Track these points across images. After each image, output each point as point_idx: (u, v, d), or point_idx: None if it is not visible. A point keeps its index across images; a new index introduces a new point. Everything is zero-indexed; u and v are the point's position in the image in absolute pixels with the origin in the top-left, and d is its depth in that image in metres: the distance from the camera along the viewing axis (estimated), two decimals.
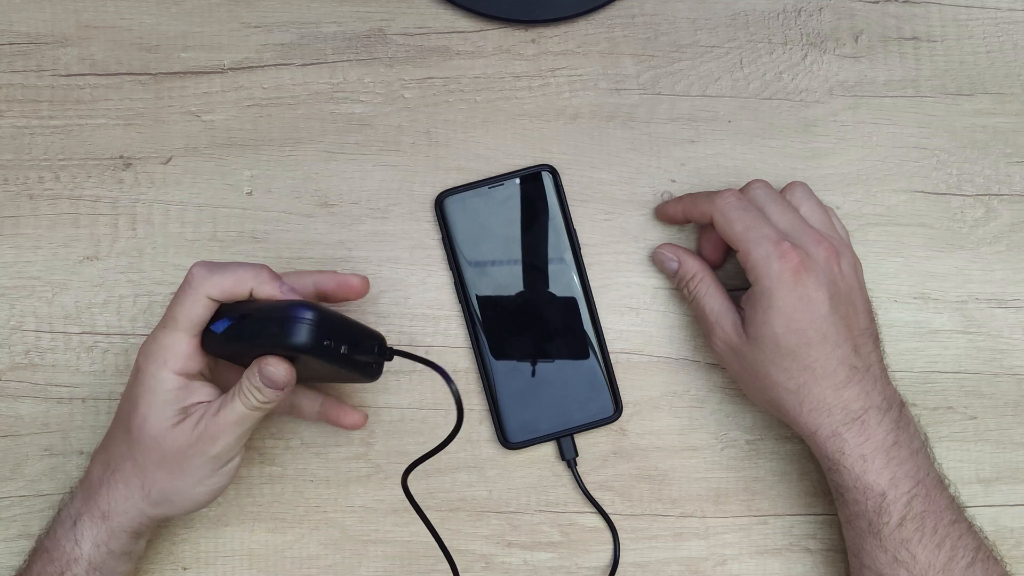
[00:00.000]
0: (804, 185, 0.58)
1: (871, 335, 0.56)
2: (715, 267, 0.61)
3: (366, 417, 0.59)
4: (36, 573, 0.54)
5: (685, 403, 0.62)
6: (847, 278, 0.55)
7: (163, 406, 0.52)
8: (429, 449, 0.54)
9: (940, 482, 0.55)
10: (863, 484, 0.53)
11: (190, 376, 0.53)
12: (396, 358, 0.53)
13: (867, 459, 0.53)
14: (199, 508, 0.55)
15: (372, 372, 0.53)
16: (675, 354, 0.63)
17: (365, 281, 0.56)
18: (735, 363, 0.57)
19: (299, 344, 0.50)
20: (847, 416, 0.53)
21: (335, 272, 0.56)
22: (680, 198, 0.61)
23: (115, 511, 0.53)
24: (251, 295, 0.52)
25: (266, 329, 0.51)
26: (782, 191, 0.58)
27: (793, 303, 0.53)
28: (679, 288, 0.61)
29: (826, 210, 0.58)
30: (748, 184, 0.58)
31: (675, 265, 0.60)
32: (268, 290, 0.52)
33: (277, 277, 0.52)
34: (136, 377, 0.53)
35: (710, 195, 0.58)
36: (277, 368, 0.51)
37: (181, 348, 0.52)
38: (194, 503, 0.54)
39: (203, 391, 0.54)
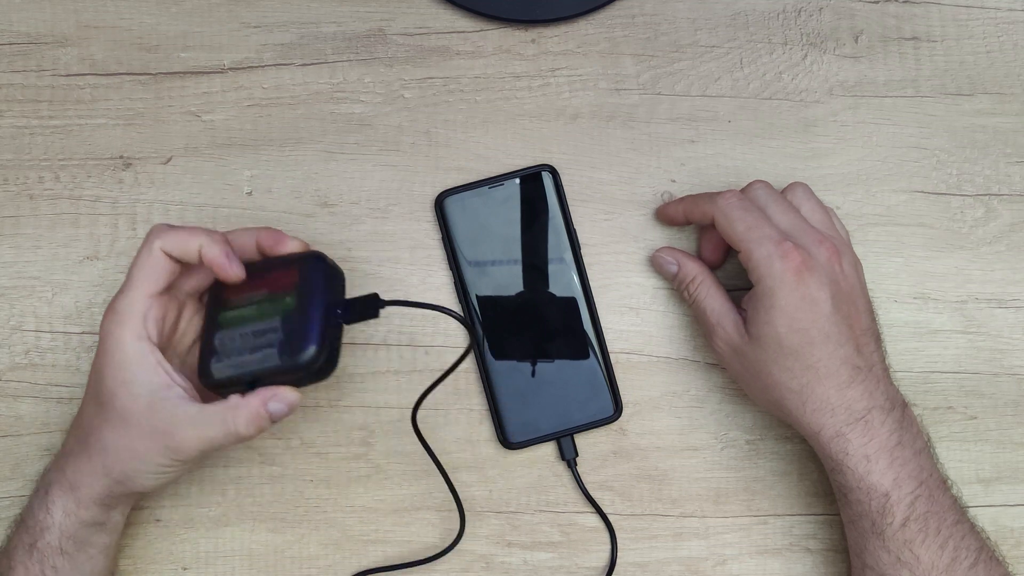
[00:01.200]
0: (805, 186, 0.58)
1: (873, 335, 0.56)
2: (715, 268, 0.61)
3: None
4: (13, 545, 0.54)
5: (685, 403, 0.62)
6: (849, 278, 0.55)
7: (129, 379, 0.52)
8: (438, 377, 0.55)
9: (943, 482, 0.55)
10: (867, 485, 0.53)
11: (152, 341, 0.52)
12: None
13: (871, 459, 0.53)
14: (152, 491, 0.56)
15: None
16: (675, 354, 0.63)
17: (302, 244, 0.55)
18: (737, 364, 0.57)
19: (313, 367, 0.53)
20: (851, 416, 0.53)
21: (272, 230, 0.55)
22: (681, 199, 0.61)
23: (82, 483, 0.53)
24: (199, 254, 0.52)
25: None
26: (783, 191, 0.58)
27: (796, 302, 0.53)
28: (679, 291, 0.60)
29: (827, 210, 0.58)
30: (749, 185, 0.58)
31: (674, 268, 0.60)
32: (213, 252, 0.52)
33: (226, 243, 0.53)
34: (100, 346, 0.53)
35: (711, 196, 0.58)
36: (290, 399, 0.52)
37: (137, 308, 0.52)
38: (147, 488, 0.54)
39: (169, 372, 0.53)
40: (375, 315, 0.54)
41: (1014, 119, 0.64)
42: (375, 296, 0.54)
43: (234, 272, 0.53)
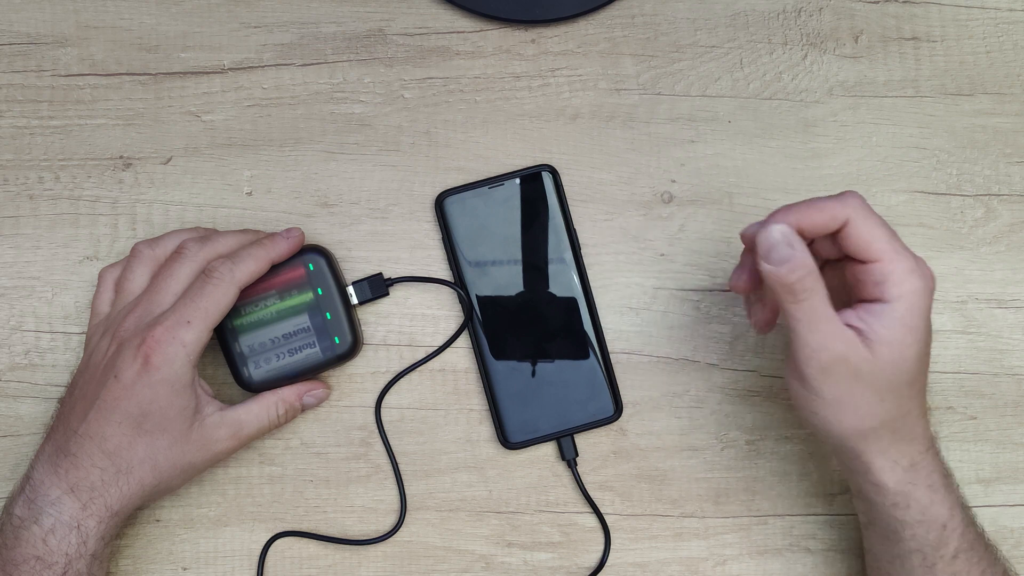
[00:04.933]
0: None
1: None
2: (747, 292, 0.54)
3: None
4: None
5: (685, 403, 0.62)
6: None
7: (186, 404, 0.55)
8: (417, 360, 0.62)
9: (969, 508, 0.54)
10: (930, 516, 0.51)
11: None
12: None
13: (935, 489, 0.51)
14: None
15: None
16: (675, 354, 0.63)
17: (290, 244, 0.58)
18: (838, 388, 0.49)
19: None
20: (926, 444, 0.51)
21: (270, 242, 0.58)
22: (785, 208, 0.49)
23: (127, 507, 0.55)
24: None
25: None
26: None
27: (927, 325, 0.49)
28: (778, 287, 0.47)
29: None
30: (844, 194, 0.50)
31: (790, 252, 0.46)
32: (282, 249, 0.57)
33: (275, 237, 0.58)
34: (154, 373, 0.53)
35: (837, 197, 0.49)
36: (321, 394, 0.60)
37: (203, 342, 0.55)
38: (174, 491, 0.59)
39: (205, 388, 0.57)
40: (385, 293, 0.61)
41: (1014, 119, 0.64)
42: (380, 276, 0.61)
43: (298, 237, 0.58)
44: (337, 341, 0.58)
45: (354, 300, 0.60)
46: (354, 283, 0.60)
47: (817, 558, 0.62)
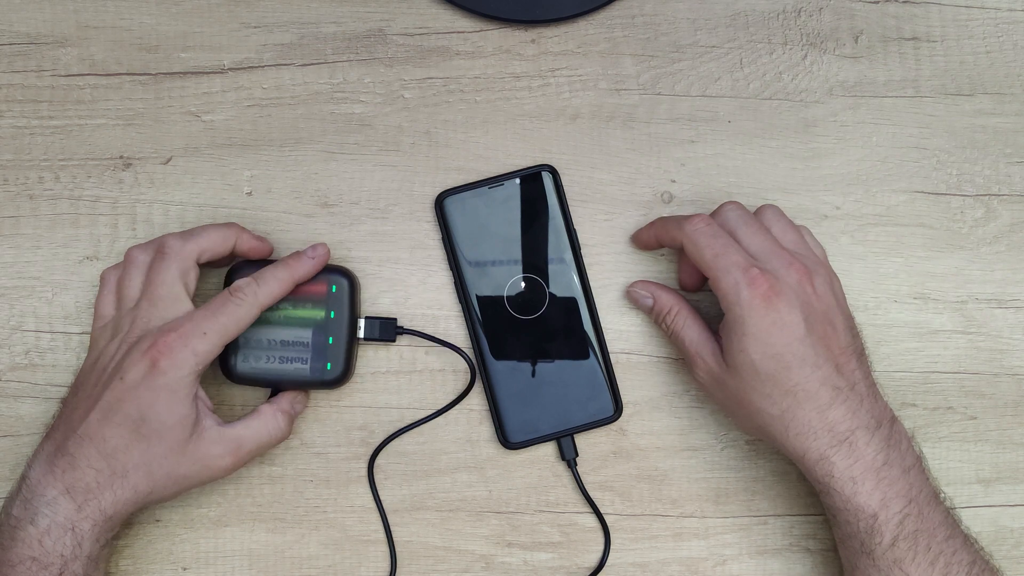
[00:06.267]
0: (775, 207, 0.58)
1: (854, 352, 0.55)
2: (695, 291, 0.61)
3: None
4: None
5: (685, 403, 0.62)
6: (823, 297, 0.55)
7: (186, 414, 0.54)
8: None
9: (935, 498, 0.54)
10: (854, 506, 0.53)
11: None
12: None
13: (856, 481, 0.53)
14: None
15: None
16: (675, 354, 0.63)
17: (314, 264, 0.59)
18: (719, 392, 0.57)
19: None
20: (834, 438, 0.53)
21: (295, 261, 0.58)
22: (651, 223, 0.61)
23: (120, 512, 0.55)
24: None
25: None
26: (755, 213, 0.58)
27: (766, 328, 0.53)
28: (657, 324, 0.61)
29: (798, 230, 0.58)
30: (721, 206, 0.58)
31: (650, 301, 0.60)
32: (308, 269, 0.58)
33: (300, 256, 0.58)
34: (159, 378, 0.53)
35: (679, 220, 0.57)
36: (304, 402, 0.61)
37: (215, 354, 0.55)
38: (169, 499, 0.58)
39: (206, 401, 0.57)
40: (392, 339, 0.61)
41: (1014, 119, 0.64)
42: (394, 321, 0.61)
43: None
44: (329, 367, 0.58)
45: (361, 334, 0.60)
46: (367, 317, 0.60)
47: (817, 558, 0.62)
